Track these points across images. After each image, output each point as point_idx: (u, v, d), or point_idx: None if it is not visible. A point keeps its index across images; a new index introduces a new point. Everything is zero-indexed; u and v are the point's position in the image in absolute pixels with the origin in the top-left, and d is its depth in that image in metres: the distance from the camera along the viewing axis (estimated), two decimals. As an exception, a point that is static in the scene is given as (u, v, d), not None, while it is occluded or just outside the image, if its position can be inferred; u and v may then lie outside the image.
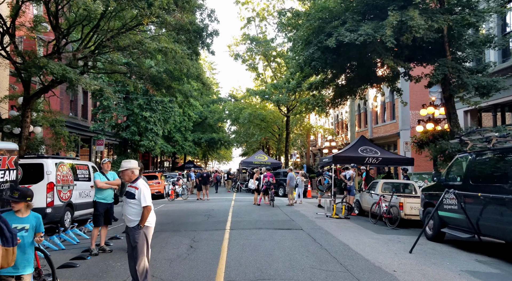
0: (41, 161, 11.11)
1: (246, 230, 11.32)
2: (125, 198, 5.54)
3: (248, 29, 35.42)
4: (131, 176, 5.55)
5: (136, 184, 5.49)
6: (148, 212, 5.36)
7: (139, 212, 5.36)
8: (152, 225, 5.58)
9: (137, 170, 5.60)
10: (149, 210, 5.39)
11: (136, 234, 5.34)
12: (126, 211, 5.46)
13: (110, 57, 16.56)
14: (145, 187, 5.51)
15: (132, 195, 5.42)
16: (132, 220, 5.40)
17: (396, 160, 17.45)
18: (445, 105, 14.62)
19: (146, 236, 5.45)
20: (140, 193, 5.38)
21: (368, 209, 14.71)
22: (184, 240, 9.89)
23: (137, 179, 5.57)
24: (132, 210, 5.40)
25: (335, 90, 16.67)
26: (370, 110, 31.90)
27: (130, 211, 5.42)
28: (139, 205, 5.35)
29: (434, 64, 14.06)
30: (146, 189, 5.48)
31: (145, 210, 5.33)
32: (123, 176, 5.57)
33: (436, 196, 10.05)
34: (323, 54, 12.48)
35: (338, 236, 10.26)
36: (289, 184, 19.61)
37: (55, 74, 10.88)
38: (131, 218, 5.41)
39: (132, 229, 5.39)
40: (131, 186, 5.51)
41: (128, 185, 5.58)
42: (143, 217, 5.33)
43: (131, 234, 5.38)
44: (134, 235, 5.35)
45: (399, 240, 10.03)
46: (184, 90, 17.42)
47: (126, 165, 5.56)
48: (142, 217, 5.33)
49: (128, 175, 5.54)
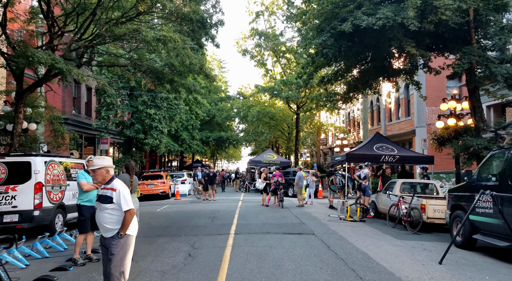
0: (28, 159, 10.17)
1: (252, 234, 10.28)
2: (98, 203, 4.55)
3: (256, 24, 34.23)
4: (105, 176, 4.58)
5: (112, 185, 4.54)
6: (131, 216, 4.44)
7: (119, 219, 4.43)
8: (134, 234, 4.60)
9: (112, 169, 4.65)
10: (133, 214, 4.46)
11: (114, 243, 4.38)
12: (102, 219, 4.47)
13: (109, 50, 15.67)
14: (124, 187, 4.57)
15: (109, 198, 4.46)
16: (110, 229, 4.45)
17: (414, 158, 16.26)
18: (469, 98, 13.43)
19: (127, 247, 4.46)
20: (119, 195, 4.45)
21: (385, 211, 13.59)
22: (183, 246, 8.88)
23: (112, 179, 4.61)
24: (110, 217, 4.45)
25: (349, 83, 15.53)
26: (384, 107, 30.66)
27: (108, 218, 4.45)
28: (119, 210, 4.43)
29: (457, 53, 12.92)
30: (125, 189, 4.55)
31: (127, 215, 4.40)
32: (95, 176, 4.57)
33: (465, 198, 8.92)
34: (337, 41, 11.36)
35: (354, 243, 9.17)
36: (297, 184, 18.53)
37: (43, 64, 9.97)
38: (109, 226, 4.45)
39: (110, 240, 4.43)
40: (106, 188, 4.53)
41: (102, 187, 4.58)
42: (124, 223, 4.40)
43: (109, 245, 4.40)
44: (112, 245, 4.37)
45: (423, 247, 8.91)
46: (188, 84, 16.43)
47: (99, 162, 4.58)
48: (123, 224, 4.41)
49: (101, 175, 4.57)
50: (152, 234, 10.65)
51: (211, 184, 22.34)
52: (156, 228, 11.96)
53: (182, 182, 28.70)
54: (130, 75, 16.36)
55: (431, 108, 24.91)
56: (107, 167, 4.57)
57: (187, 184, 29.00)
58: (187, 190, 28.44)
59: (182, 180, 29.02)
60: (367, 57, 14.20)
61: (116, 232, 4.41)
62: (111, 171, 4.61)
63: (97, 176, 4.54)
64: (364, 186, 15.31)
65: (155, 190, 24.39)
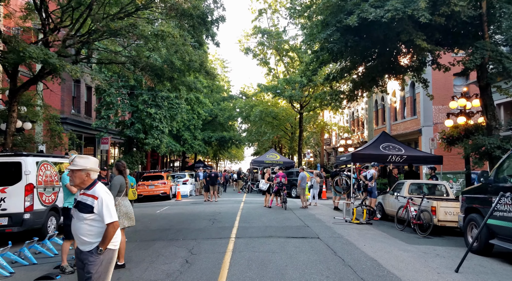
0: (18, 159, 9.68)
1: (254, 238, 9.76)
2: (75, 212, 3.87)
3: (259, 22, 33.73)
4: (85, 179, 3.88)
5: (93, 192, 3.84)
6: (114, 230, 3.77)
7: (100, 231, 3.77)
8: (116, 247, 3.92)
9: (95, 173, 3.95)
10: (116, 227, 3.79)
11: (92, 260, 3.71)
12: (79, 230, 3.79)
13: (108, 47, 15.19)
14: (108, 195, 3.88)
15: (89, 207, 3.76)
16: (89, 243, 3.77)
17: (422, 158, 15.68)
18: (481, 96, 12.86)
19: (107, 265, 3.82)
20: (102, 204, 3.76)
21: (393, 213, 13.05)
22: (180, 251, 8.38)
23: (93, 183, 3.91)
24: (90, 229, 3.76)
25: (354, 81, 14.97)
26: (389, 106, 30.08)
27: (86, 230, 3.76)
28: (101, 221, 3.75)
29: (468, 49, 12.37)
30: (109, 198, 3.87)
31: (110, 228, 3.73)
32: (73, 178, 3.87)
33: (480, 200, 8.37)
34: (343, 36, 10.81)
35: (362, 248, 8.64)
36: (300, 185, 17.98)
37: (35, 59, 9.48)
38: (87, 239, 3.77)
39: (87, 254, 3.75)
40: (87, 194, 3.84)
41: (81, 193, 3.91)
42: (106, 237, 3.73)
43: (86, 261, 3.74)
44: (89, 262, 3.71)
45: (436, 253, 8.36)
46: (188, 82, 15.92)
47: (82, 163, 3.87)
48: (104, 238, 3.74)
49: (80, 177, 3.86)
50: (148, 238, 10.16)
51: (212, 185, 21.83)
52: (154, 231, 11.47)
53: (183, 182, 28.21)
54: (129, 72, 15.88)
55: (437, 107, 24.32)
56: (89, 170, 3.87)
57: (189, 184, 28.50)
58: (189, 190, 27.93)
59: (184, 181, 28.52)
60: (374, 53, 13.65)
61: (95, 246, 3.75)
62: (92, 175, 3.91)
63: (75, 178, 3.85)
64: (370, 187, 14.76)
65: (155, 191, 23.91)
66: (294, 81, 29.10)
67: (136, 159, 26.84)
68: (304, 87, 28.72)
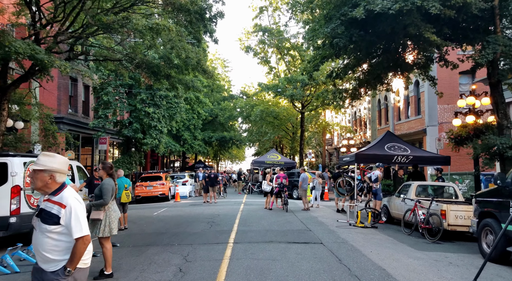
0: (4, 160, 9.13)
1: (253, 244, 9.21)
2: (37, 221, 3.14)
3: (260, 20, 33.22)
4: (48, 183, 3.15)
5: (60, 198, 3.12)
6: (85, 246, 3.09)
7: (67, 247, 3.07)
8: (87, 265, 3.23)
9: (62, 175, 3.23)
10: (87, 243, 3.11)
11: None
12: (42, 245, 3.06)
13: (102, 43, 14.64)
14: (78, 203, 3.16)
15: (54, 217, 3.05)
16: (53, 261, 3.05)
17: (429, 159, 15.07)
18: (491, 94, 12.29)
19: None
20: (70, 214, 3.05)
21: (399, 216, 12.51)
22: (175, 258, 7.82)
23: (60, 188, 3.19)
24: (54, 244, 3.06)
25: (359, 79, 14.41)
26: (392, 106, 29.49)
27: (49, 244, 3.05)
28: (68, 235, 3.06)
29: (478, 44, 11.84)
30: (79, 206, 3.15)
31: (80, 244, 3.04)
32: (33, 180, 3.15)
33: (497, 204, 7.80)
34: (347, 30, 10.25)
35: (369, 255, 8.08)
36: (301, 186, 17.40)
37: (21, 54, 8.93)
38: (51, 256, 3.05)
39: (51, 276, 3.03)
40: (52, 201, 3.13)
41: (45, 199, 3.19)
42: (75, 255, 3.03)
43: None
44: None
45: (448, 260, 7.80)
46: (186, 80, 15.35)
47: (43, 161, 3.15)
48: (73, 255, 3.04)
49: (42, 180, 3.13)
50: (142, 243, 9.61)
51: (212, 186, 21.30)
52: (149, 235, 10.93)
53: (183, 183, 27.68)
54: (124, 70, 15.34)
55: (442, 106, 23.76)
56: (55, 171, 3.14)
57: (188, 185, 27.96)
58: (188, 191, 27.39)
59: (183, 181, 27.99)
60: (379, 49, 13.09)
61: (61, 266, 3.04)
62: (58, 178, 3.18)
63: (36, 181, 3.13)
64: (375, 189, 14.20)
65: (154, 192, 23.38)
66: (296, 80, 28.56)
67: (134, 159, 26.28)
68: (305, 86, 28.22)
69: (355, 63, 13.17)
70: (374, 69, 13.21)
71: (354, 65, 13.33)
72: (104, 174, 6.83)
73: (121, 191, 12.29)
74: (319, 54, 12.96)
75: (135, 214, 16.33)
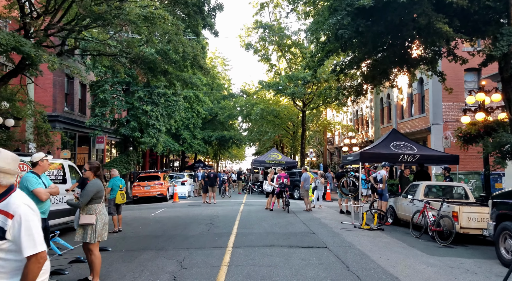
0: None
1: (253, 248, 8.64)
2: None
3: (261, 16, 32.55)
4: None
5: (6, 205, 2.46)
6: (40, 266, 2.45)
7: (16, 267, 2.44)
8: None
9: (10, 176, 2.55)
10: (43, 262, 2.47)
11: None
12: None
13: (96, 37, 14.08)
14: (30, 210, 2.50)
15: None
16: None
17: (437, 158, 14.49)
18: (503, 89, 11.71)
19: None
20: (20, 225, 2.41)
21: (406, 218, 11.96)
22: (169, 265, 7.25)
23: (7, 192, 2.53)
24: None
25: (363, 74, 13.84)
26: (395, 104, 28.92)
27: None
28: (16, 252, 2.42)
29: (489, 36, 11.28)
30: (32, 215, 2.49)
31: (33, 264, 2.41)
32: None
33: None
34: (354, 20, 9.68)
35: (378, 260, 7.51)
36: (303, 186, 16.82)
37: (4, 46, 8.35)
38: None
39: None
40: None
41: None
42: (26, 277, 2.40)
43: None
44: None
45: (465, 267, 7.22)
46: (183, 77, 14.79)
47: None
48: (24, 278, 2.40)
49: None
50: (135, 247, 9.04)
51: (211, 186, 20.74)
52: (143, 238, 10.36)
53: (182, 183, 27.12)
54: (120, 66, 14.77)
55: (447, 104, 23.18)
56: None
57: (187, 185, 27.41)
58: (187, 191, 26.84)
59: (182, 181, 27.43)
60: (385, 43, 12.52)
61: None
62: (3, 180, 2.51)
63: None
64: (381, 190, 13.62)
65: (151, 192, 22.83)
66: (297, 77, 27.98)
67: (132, 158, 25.69)
68: (307, 83, 27.63)
69: (361, 57, 12.59)
70: (380, 63, 12.64)
71: (360, 60, 12.75)
72: (91, 175, 6.24)
73: (115, 192, 11.76)
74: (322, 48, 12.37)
75: (131, 215, 15.77)
